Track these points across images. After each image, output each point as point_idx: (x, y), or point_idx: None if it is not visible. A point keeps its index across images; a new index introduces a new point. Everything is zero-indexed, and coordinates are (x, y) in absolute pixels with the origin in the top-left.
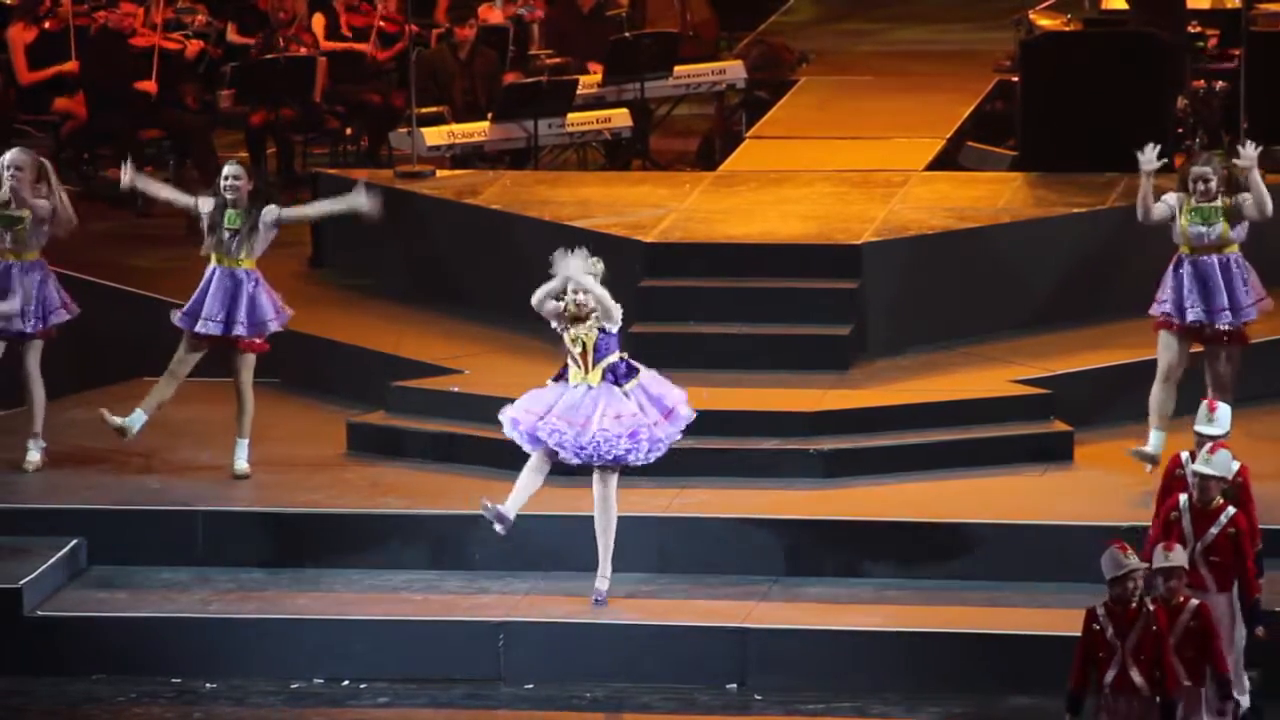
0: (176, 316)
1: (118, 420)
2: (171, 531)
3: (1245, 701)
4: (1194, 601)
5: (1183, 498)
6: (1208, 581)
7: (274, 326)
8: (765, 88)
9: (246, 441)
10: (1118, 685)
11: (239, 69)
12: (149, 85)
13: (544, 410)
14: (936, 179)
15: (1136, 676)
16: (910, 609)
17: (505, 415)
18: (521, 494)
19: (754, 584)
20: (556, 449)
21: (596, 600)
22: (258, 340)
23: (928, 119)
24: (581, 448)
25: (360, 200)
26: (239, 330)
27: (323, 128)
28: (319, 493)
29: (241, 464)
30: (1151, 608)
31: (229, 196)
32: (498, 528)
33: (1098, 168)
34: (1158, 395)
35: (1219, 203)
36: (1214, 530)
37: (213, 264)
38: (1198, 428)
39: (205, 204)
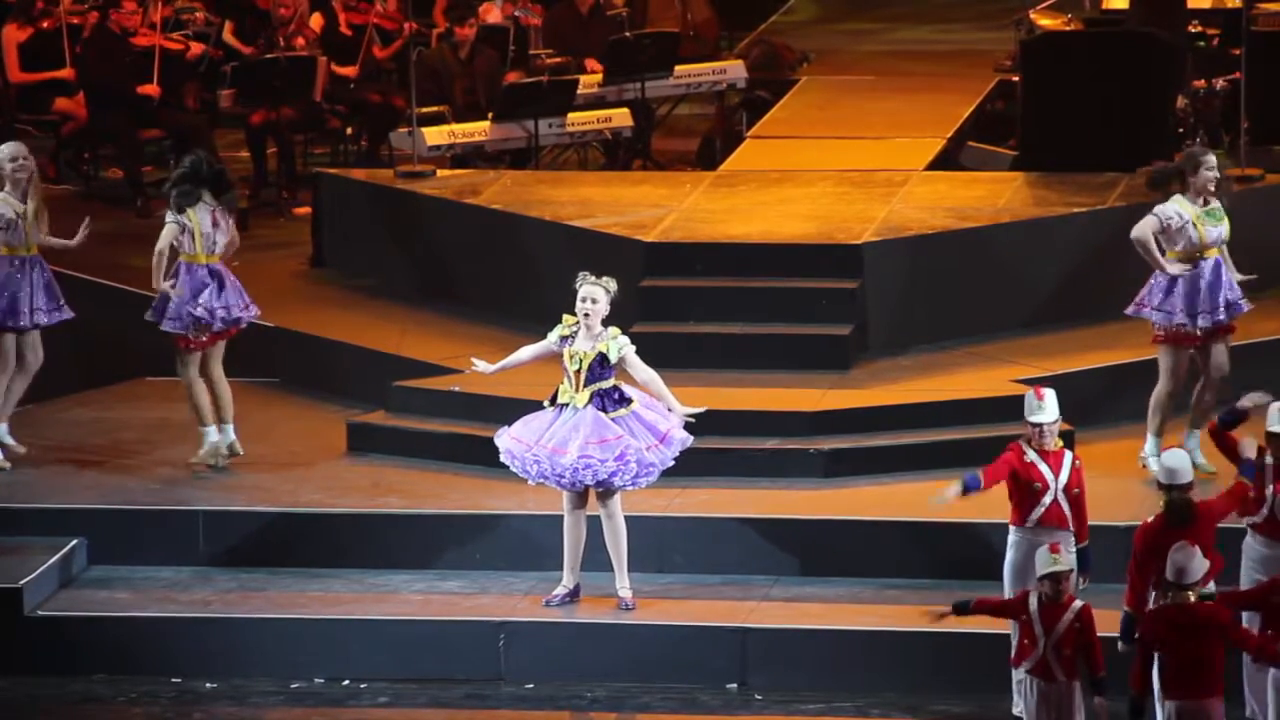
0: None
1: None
2: (171, 531)
3: None
4: (1077, 603)
5: (1025, 448)
6: (1067, 518)
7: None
8: (766, 88)
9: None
10: (1037, 671)
11: (239, 69)
12: (151, 89)
13: (533, 441)
14: (937, 179)
15: (1055, 667)
16: (910, 609)
17: (501, 442)
18: (574, 554)
19: (754, 584)
20: (540, 480)
21: (626, 606)
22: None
23: (928, 119)
24: (559, 474)
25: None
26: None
27: (323, 127)
28: (319, 493)
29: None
30: (1079, 605)
31: None
32: (569, 602)
33: (1098, 168)
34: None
35: (1217, 203)
36: (1065, 470)
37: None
38: (1031, 417)
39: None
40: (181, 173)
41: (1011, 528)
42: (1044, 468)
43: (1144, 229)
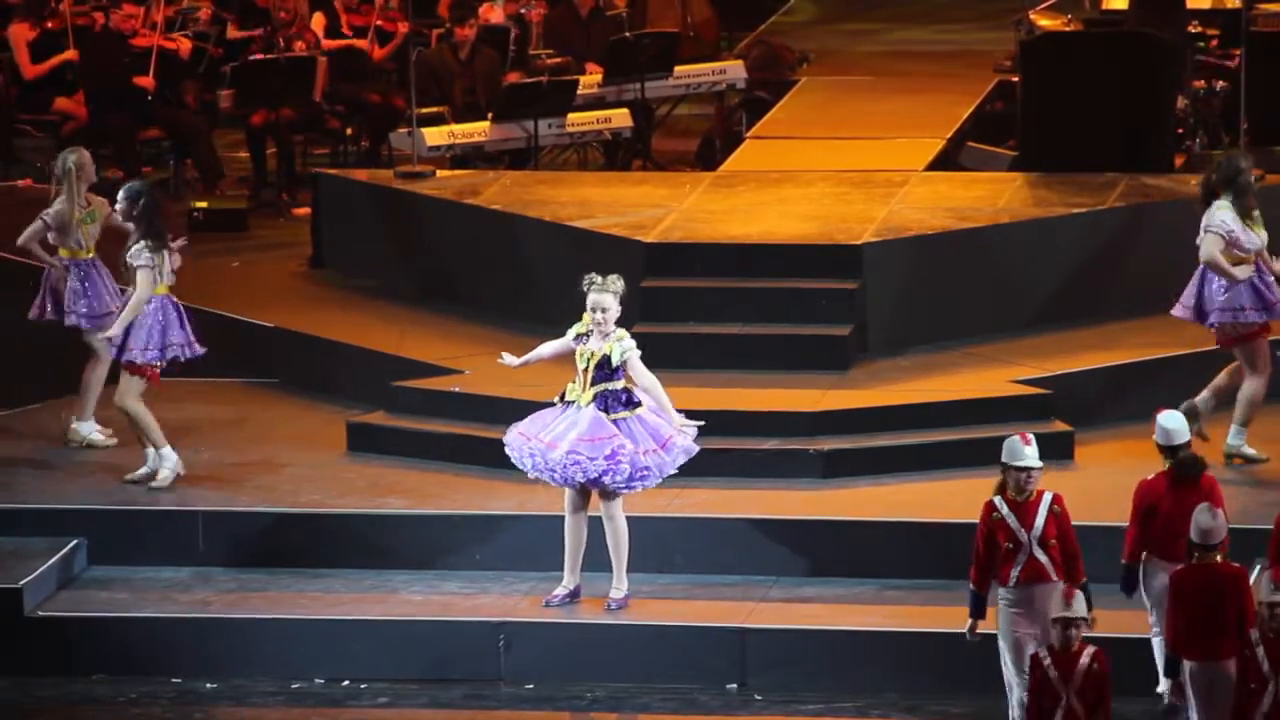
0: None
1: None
2: (171, 531)
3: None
4: (1091, 648)
5: (997, 499)
6: (1048, 570)
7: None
8: (765, 88)
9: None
10: None
11: (239, 69)
12: (146, 81)
13: (534, 434)
14: (936, 179)
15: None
16: (910, 609)
17: (507, 435)
18: (575, 555)
19: (754, 584)
20: (536, 475)
21: (612, 607)
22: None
23: (928, 119)
24: (551, 469)
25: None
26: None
27: (323, 128)
28: (319, 493)
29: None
30: (1092, 650)
31: None
32: (570, 602)
33: (1098, 168)
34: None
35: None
36: (1040, 518)
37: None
38: (1018, 461)
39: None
40: (147, 213)
41: (999, 588)
42: (1014, 524)
43: (1212, 249)
